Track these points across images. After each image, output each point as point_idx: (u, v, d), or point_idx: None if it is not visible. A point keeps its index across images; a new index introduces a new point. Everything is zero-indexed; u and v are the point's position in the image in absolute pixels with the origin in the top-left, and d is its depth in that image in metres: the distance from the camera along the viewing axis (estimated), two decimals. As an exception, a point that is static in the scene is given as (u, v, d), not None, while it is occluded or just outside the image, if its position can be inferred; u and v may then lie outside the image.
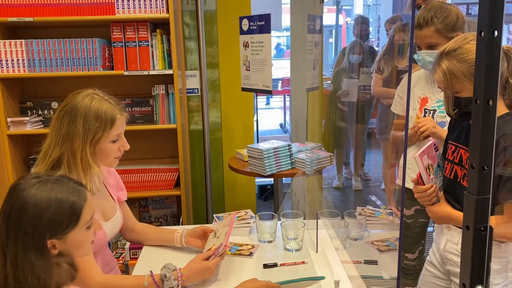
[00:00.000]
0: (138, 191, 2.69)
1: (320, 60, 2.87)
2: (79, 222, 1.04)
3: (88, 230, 1.08)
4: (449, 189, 1.42)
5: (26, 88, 2.76)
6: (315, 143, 2.77)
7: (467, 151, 1.35)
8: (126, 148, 1.52)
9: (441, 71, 1.31)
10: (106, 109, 1.44)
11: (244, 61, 2.78)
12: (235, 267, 1.55)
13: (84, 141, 1.41)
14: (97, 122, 1.42)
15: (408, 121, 2.01)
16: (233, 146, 3.07)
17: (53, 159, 1.41)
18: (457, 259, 1.42)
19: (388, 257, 1.53)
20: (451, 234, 1.43)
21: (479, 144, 0.69)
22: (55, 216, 0.99)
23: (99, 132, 1.42)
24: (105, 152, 1.47)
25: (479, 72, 0.68)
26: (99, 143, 1.44)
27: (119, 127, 1.48)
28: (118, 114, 1.46)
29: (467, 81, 1.27)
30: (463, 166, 1.37)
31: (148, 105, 2.69)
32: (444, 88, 1.33)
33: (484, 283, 0.72)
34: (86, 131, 1.41)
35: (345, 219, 1.68)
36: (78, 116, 1.41)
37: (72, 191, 1.04)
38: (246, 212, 1.92)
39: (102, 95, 1.49)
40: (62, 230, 1.01)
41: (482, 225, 0.71)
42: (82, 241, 1.06)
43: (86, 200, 1.06)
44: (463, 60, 1.27)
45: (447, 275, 1.50)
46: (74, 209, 1.03)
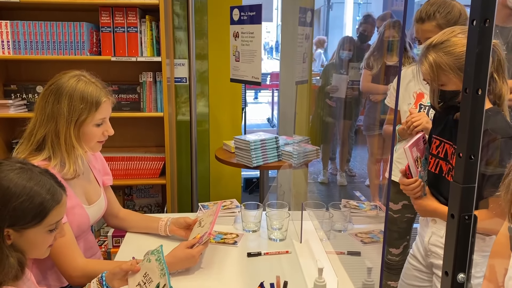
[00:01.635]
0: (122, 179, 2.67)
1: (310, 53, 2.87)
2: (43, 222, 1.00)
3: (49, 233, 1.04)
4: (434, 183, 1.43)
5: (10, 71, 2.70)
6: (303, 137, 2.78)
7: (452, 146, 1.36)
8: (110, 133, 1.50)
9: (427, 64, 1.31)
10: (92, 91, 1.42)
11: (234, 51, 2.76)
12: (219, 256, 1.55)
13: (68, 122, 1.39)
14: (82, 103, 1.39)
15: (396, 115, 2.03)
16: (220, 138, 3.06)
17: (38, 139, 1.39)
18: (442, 252, 1.43)
19: (372, 249, 1.54)
20: (436, 227, 1.45)
21: (467, 133, 0.70)
22: (21, 207, 0.96)
23: (83, 114, 1.40)
24: (89, 135, 1.44)
25: (469, 61, 0.68)
26: (83, 125, 1.41)
27: (104, 111, 1.45)
28: (104, 97, 1.44)
29: (453, 74, 1.27)
30: (448, 161, 1.38)
31: (135, 93, 2.66)
32: (430, 80, 1.34)
33: (467, 272, 0.73)
34: (71, 112, 1.38)
35: (329, 210, 1.69)
36: (63, 96, 1.38)
37: (49, 189, 1.01)
38: (231, 202, 1.91)
39: (89, 77, 1.46)
40: (22, 224, 0.97)
41: (466, 214, 0.71)
42: (38, 242, 1.03)
43: (59, 203, 1.03)
44: (450, 53, 1.27)
45: (429, 268, 1.52)
46: (43, 207, 0.99)
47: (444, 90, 1.31)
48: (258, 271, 1.44)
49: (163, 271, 1.15)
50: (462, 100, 0.70)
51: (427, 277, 1.55)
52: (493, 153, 1.26)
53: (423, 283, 1.55)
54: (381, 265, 0.98)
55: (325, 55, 6.51)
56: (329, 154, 4.73)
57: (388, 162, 2.21)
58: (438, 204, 1.40)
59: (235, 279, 1.40)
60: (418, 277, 1.56)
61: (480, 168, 1.25)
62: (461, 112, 0.70)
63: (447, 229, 0.72)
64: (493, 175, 1.23)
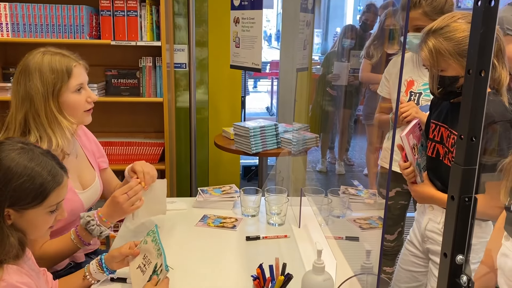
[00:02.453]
0: (121, 164, 2.66)
1: (310, 40, 2.85)
2: (43, 203, 1.00)
3: (50, 214, 1.04)
4: (432, 167, 1.44)
5: (9, 54, 2.68)
6: (302, 124, 2.77)
7: (447, 129, 1.37)
8: (93, 98, 1.46)
9: (427, 49, 1.31)
10: (60, 60, 1.38)
11: (234, 37, 2.74)
12: (218, 239, 1.56)
13: (45, 96, 1.35)
14: (53, 74, 1.36)
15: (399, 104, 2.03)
16: (220, 125, 3.05)
17: (20, 123, 1.35)
18: (438, 238, 1.44)
19: (370, 235, 1.55)
20: (433, 214, 1.46)
21: (469, 115, 0.70)
22: (22, 188, 0.96)
23: (57, 84, 1.37)
24: (72, 104, 1.41)
25: (473, 42, 0.67)
26: (60, 95, 1.38)
27: (78, 76, 1.42)
28: (74, 62, 1.41)
29: (453, 59, 1.27)
30: (444, 144, 1.39)
31: (135, 78, 2.65)
32: (430, 66, 1.34)
33: (465, 253, 0.73)
34: (44, 85, 1.35)
35: (328, 196, 1.69)
36: (33, 73, 1.35)
37: (50, 170, 1.00)
38: (230, 187, 1.92)
39: (54, 49, 1.43)
40: (23, 204, 0.97)
41: (467, 196, 0.71)
42: (39, 223, 1.03)
43: (60, 184, 1.03)
44: (449, 38, 1.27)
45: (425, 254, 1.53)
46: (44, 188, 0.99)
47: (444, 76, 1.31)
48: (256, 254, 1.45)
49: (159, 251, 1.16)
50: (464, 82, 0.70)
51: (424, 263, 1.56)
52: (491, 137, 1.26)
53: (419, 268, 1.57)
54: (380, 248, 0.99)
55: (325, 44, 6.48)
56: (328, 143, 4.73)
57: (384, 149, 2.22)
58: (435, 191, 1.41)
59: (234, 262, 1.41)
60: (415, 262, 1.58)
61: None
62: (464, 93, 0.70)
63: (447, 211, 0.73)
64: (490, 159, 1.24)
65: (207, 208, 1.80)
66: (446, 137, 1.37)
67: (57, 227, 1.42)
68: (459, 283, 0.71)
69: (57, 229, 1.42)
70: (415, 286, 1.60)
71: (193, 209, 1.81)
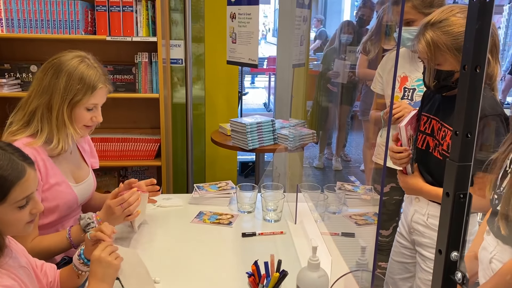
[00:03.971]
0: (118, 160, 2.66)
1: (307, 36, 2.85)
2: (7, 199, 0.95)
3: (19, 210, 0.98)
4: (421, 159, 1.44)
5: (4, 49, 2.66)
6: (299, 120, 2.77)
7: (439, 121, 1.37)
8: (98, 120, 1.49)
9: (425, 42, 1.29)
10: (92, 75, 1.42)
11: (231, 33, 2.73)
12: (214, 235, 1.55)
13: (63, 99, 1.39)
14: (80, 84, 1.40)
15: (393, 101, 2.02)
16: (216, 121, 3.04)
17: (31, 109, 1.40)
18: (423, 230, 1.46)
19: (365, 231, 1.55)
20: (419, 205, 1.47)
21: (464, 111, 0.69)
22: None
23: (79, 95, 1.40)
24: (78, 117, 1.44)
25: (469, 37, 0.67)
26: (76, 106, 1.41)
27: (99, 97, 1.45)
28: (101, 84, 1.44)
29: (450, 54, 1.27)
30: (434, 137, 1.39)
31: (130, 73, 2.63)
32: (427, 60, 1.33)
33: (460, 250, 0.73)
34: (67, 90, 1.38)
35: (324, 192, 1.69)
36: (63, 72, 1.39)
37: (8, 164, 0.94)
38: (226, 183, 1.91)
39: (93, 61, 1.47)
40: None
41: (461, 192, 0.71)
42: (10, 220, 0.97)
43: (21, 178, 0.96)
44: (448, 32, 1.26)
45: (413, 245, 1.54)
46: (1, 185, 0.93)
47: (440, 70, 1.30)
48: (252, 251, 1.45)
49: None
50: (460, 78, 0.69)
51: (412, 253, 1.57)
52: (481, 131, 1.26)
53: (410, 259, 1.58)
54: (375, 244, 0.99)
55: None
56: (326, 139, 4.73)
57: (378, 145, 2.22)
58: (423, 183, 1.41)
59: (230, 259, 1.41)
60: (405, 254, 1.59)
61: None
62: (459, 89, 0.69)
63: (442, 207, 0.72)
64: (479, 153, 1.24)
65: (203, 204, 1.80)
66: (437, 130, 1.38)
67: (50, 220, 1.42)
68: (453, 279, 0.71)
69: (51, 222, 1.43)
70: (407, 277, 1.61)
71: (189, 205, 1.80)
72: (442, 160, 1.34)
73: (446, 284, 0.71)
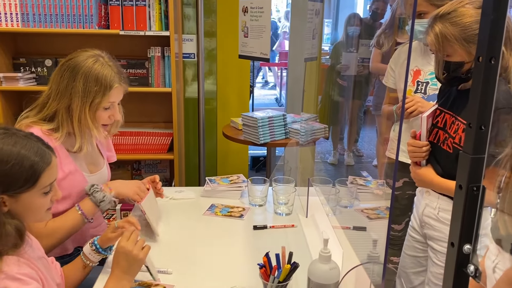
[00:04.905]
0: (131, 154, 2.68)
1: (320, 29, 2.83)
2: (36, 185, 0.99)
3: (44, 196, 1.03)
4: (432, 152, 1.44)
5: (19, 44, 2.70)
6: (311, 114, 2.76)
7: (452, 115, 1.37)
8: (116, 118, 1.50)
9: (433, 34, 1.30)
10: (107, 74, 1.42)
11: (243, 27, 2.73)
12: (225, 228, 1.56)
13: (84, 102, 1.40)
14: (97, 85, 1.41)
15: (405, 95, 2.00)
16: (228, 116, 3.05)
17: (50, 112, 1.41)
18: (435, 223, 1.45)
19: (377, 225, 1.55)
20: (429, 199, 1.47)
21: (478, 103, 0.68)
22: (12, 172, 0.95)
23: (97, 97, 1.41)
24: (97, 118, 1.45)
25: (483, 29, 0.66)
26: (97, 108, 1.43)
27: (114, 96, 1.45)
28: (117, 83, 1.44)
29: (459, 45, 1.27)
30: (445, 131, 1.39)
31: (143, 68, 2.65)
32: (435, 51, 1.33)
33: (473, 243, 0.73)
34: (86, 93, 1.40)
35: (336, 186, 1.69)
36: (79, 75, 1.40)
37: (37, 151, 0.99)
38: (238, 177, 1.92)
39: (107, 59, 1.47)
40: (16, 188, 0.96)
41: (475, 185, 0.70)
42: (35, 206, 1.02)
43: (49, 164, 1.01)
44: (456, 23, 1.26)
45: (425, 238, 1.54)
46: (34, 170, 0.98)
47: (449, 61, 1.30)
48: (263, 243, 1.46)
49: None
50: (474, 69, 0.69)
51: (424, 247, 1.56)
52: (493, 123, 1.25)
53: (422, 253, 1.57)
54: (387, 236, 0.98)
55: (335, 34, 6.42)
56: (339, 135, 4.70)
57: (391, 140, 2.20)
58: (435, 175, 1.41)
59: (241, 251, 1.42)
60: (417, 248, 1.58)
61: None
62: (473, 81, 0.68)
63: (455, 200, 0.72)
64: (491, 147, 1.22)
65: (214, 197, 1.81)
66: (450, 124, 1.37)
67: (63, 209, 1.44)
68: (466, 272, 0.70)
69: (64, 210, 1.44)
70: (420, 271, 1.60)
71: (201, 198, 1.82)
72: (451, 153, 1.34)
73: (458, 277, 0.70)
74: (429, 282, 1.51)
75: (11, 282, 0.91)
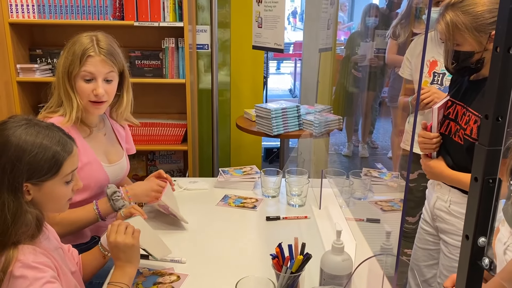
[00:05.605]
0: (145, 144, 2.71)
1: (335, 20, 2.80)
2: (59, 173, 1.01)
3: (66, 185, 1.05)
4: (443, 144, 1.43)
5: (36, 35, 2.73)
6: (325, 105, 2.74)
7: (464, 107, 1.34)
8: (97, 91, 1.43)
9: (444, 23, 1.29)
10: (83, 43, 1.41)
11: (257, 17, 2.72)
12: (238, 218, 1.57)
13: (63, 73, 1.42)
14: (73, 55, 1.41)
15: (421, 86, 1.98)
16: (241, 107, 3.05)
17: (56, 99, 1.46)
18: (446, 216, 1.44)
19: (391, 217, 1.54)
20: (441, 192, 1.45)
21: (496, 94, 0.67)
22: (36, 161, 0.97)
23: (72, 65, 1.40)
24: (79, 90, 1.43)
25: (502, 18, 0.64)
26: (74, 78, 1.42)
27: (90, 65, 1.41)
28: (93, 52, 1.41)
29: (469, 34, 1.24)
30: (457, 122, 1.37)
31: (158, 59, 2.66)
32: (445, 40, 1.31)
33: (488, 236, 0.72)
34: (66, 65, 1.42)
35: (350, 178, 1.68)
36: (65, 50, 1.43)
37: (58, 141, 1.02)
38: (251, 168, 1.92)
39: (101, 35, 1.46)
40: (40, 176, 0.99)
41: (491, 177, 0.69)
42: (57, 194, 1.04)
43: (70, 153, 1.04)
44: (467, 12, 1.24)
45: (437, 231, 1.53)
46: (56, 159, 1.00)
47: (459, 51, 1.28)
48: (276, 234, 1.46)
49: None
50: (492, 59, 0.67)
51: (436, 240, 1.55)
52: None
53: (434, 246, 1.56)
54: (400, 228, 0.98)
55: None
56: (353, 126, 4.67)
57: (407, 131, 2.18)
58: (445, 167, 1.40)
59: (254, 241, 1.43)
60: (429, 240, 1.57)
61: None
62: (491, 71, 0.67)
63: (470, 192, 0.71)
64: None
65: (228, 188, 1.82)
66: (461, 115, 1.36)
67: (82, 198, 1.45)
68: (480, 265, 0.70)
69: (82, 200, 1.46)
70: (432, 264, 1.59)
71: (214, 189, 1.83)
72: (462, 145, 1.32)
73: (472, 270, 0.70)
74: (440, 275, 1.50)
75: (27, 270, 0.93)
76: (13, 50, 2.46)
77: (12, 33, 2.45)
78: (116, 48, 1.48)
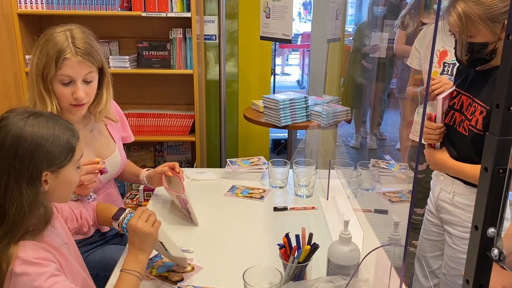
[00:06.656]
0: (153, 135, 2.72)
1: (343, 10, 2.77)
2: (73, 158, 1.03)
3: (77, 170, 1.07)
4: (447, 134, 1.42)
5: (44, 26, 2.73)
6: (333, 97, 2.73)
7: (469, 97, 1.33)
8: (77, 95, 1.33)
9: (456, 14, 1.25)
10: (58, 43, 1.28)
11: (265, 8, 2.70)
12: (246, 209, 1.58)
13: (36, 75, 1.30)
14: (47, 57, 1.28)
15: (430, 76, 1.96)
16: (249, 98, 3.05)
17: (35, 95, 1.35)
18: (450, 208, 1.44)
19: (399, 208, 1.54)
20: (444, 183, 1.45)
21: (507, 82, 0.66)
22: (53, 148, 0.99)
23: (46, 68, 1.28)
24: (57, 94, 1.33)
25: (515, 5, 0.63)
26: (49, 81, 1.30)
27: (67, 68, 1.29)
28: (69, 53, 1.29)
29: (483, 25, 1.22)
30: (462, 113, 1.36)
31: (165, 50, 2.66)
32: (459, 32, 1.28)
33: (497, 226, 0.71)
34: (39, 65, 1.29)
35: (358, 169, 1.67)
36: (36, 48, 1.31)
37: (67, 127, 1.04)
38: (259, 159, 1.92)
39: (77, 31, 1.34)
40: (58, 163, 1.00)
41: (501, 167, 0.68)
42: (72, 180, 1.06)
43: (78, 138, 1.07)
44: (480, 2, 1.21)
45: (442, 222, 1.52)
46: (70, 143, 1.02)
47: (473, 43, 1.26)
48: (284, 224, 1.46)
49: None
50: (504, 48, 0.66)
51: (441, 231, 1.55)
52: None
53: (440, 237, 1.56)
54: (408, 219, 0.97)
55: (360, 15, 6.28)
56: (361, 118, 4.64)
57: (416, 122, 2.16)
58: (448, 158, 1.39)
59: (261, 231, 1.43)
60: (434, 231, 1.57)
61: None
62: (502, 60, 0.66)
63: (480, 182, 0.70)
64: None
65: (235, 179, 1.82)
66: (466, 106, 1.34)
67: None
68: (490, 256, 0.69)
69: None
70: (437, 255, 1.59)
71: (222, 179, 1.83)
72: (467, 135, 1.31)
73: (481, 260, 0.69)
74: (445, 265, 1.50)
75: (28, 267, 0.92)
76: (22, 41, 2.47)
77: (20, 24, 2.46)
78: (94, 45, 1.36)
